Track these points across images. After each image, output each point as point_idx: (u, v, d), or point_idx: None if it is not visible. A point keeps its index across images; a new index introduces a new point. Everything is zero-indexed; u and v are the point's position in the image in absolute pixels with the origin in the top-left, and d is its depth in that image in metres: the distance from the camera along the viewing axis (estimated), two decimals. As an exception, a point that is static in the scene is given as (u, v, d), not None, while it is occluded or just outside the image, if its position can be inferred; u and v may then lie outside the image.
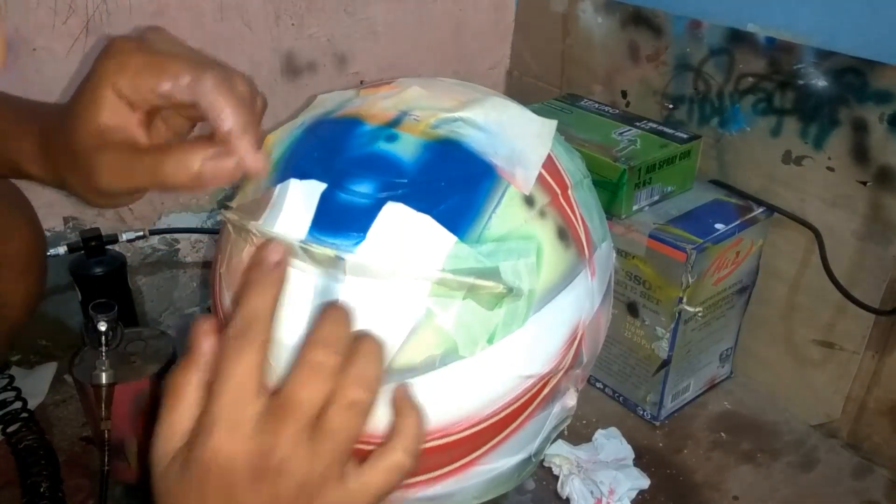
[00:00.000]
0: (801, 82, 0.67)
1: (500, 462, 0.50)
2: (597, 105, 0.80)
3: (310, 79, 0.87)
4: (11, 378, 0.69)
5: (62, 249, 0.74)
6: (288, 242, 0.41)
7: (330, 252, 0.41)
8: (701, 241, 0.65)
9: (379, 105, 0.48)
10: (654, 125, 0.74)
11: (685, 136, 0.72)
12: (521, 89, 1.00)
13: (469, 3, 0.95)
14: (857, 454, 0.70)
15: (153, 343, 0.64)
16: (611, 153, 0.69)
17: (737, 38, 0.71)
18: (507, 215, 0.44)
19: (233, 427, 0.33)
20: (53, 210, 0.78)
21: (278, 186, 0.45)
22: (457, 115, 0.46)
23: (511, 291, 0.43)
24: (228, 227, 0.48)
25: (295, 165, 0.46)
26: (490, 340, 0.43)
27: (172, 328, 0.85)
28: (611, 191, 0.68)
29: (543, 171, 0.47)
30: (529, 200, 0.45)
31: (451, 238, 0.42)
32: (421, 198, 0.43)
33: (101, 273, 0.75)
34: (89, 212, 0.80)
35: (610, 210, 0.69)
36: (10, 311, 0.55)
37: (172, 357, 0.62)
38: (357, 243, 0.42)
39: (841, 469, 0.69)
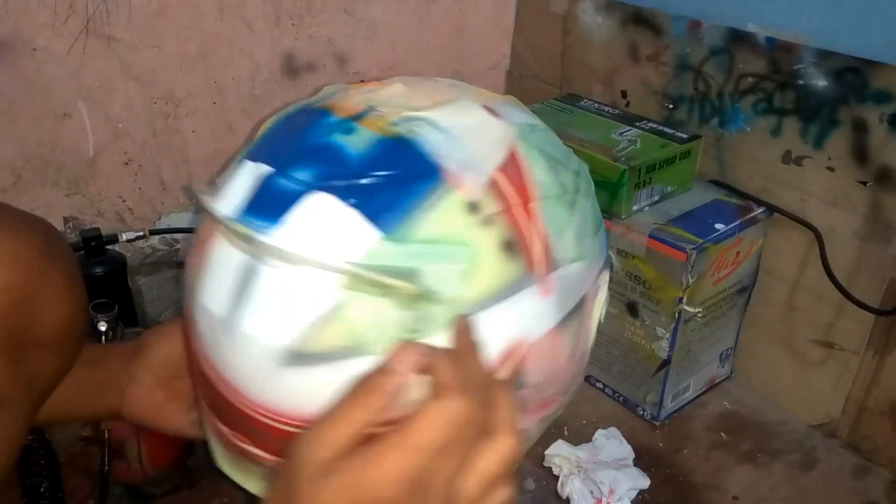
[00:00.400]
0: (801, 82, 0.67)
1: None
2: (597, 105, 0.80)
3: (310, 79, 0.87)
4: (11, 378, 0.69)
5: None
6: (216, 217, 0.43)
7: (245, 231, 0.43)
8: (701, 241, 0.65)
9: (353, 99, 0.49)
10: (654, 125, 0.74)
11: (685, 136, 0.72)
12: (521, 89, 1.00)
13: (469, 3, 0.95)
14: (857, 454, 0.70)
15: (153, 343, 0.64)
16: (611, 153, 0.69)
17: (737, 38, 0.71)
18: (442, 219, 0.43)
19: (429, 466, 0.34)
20: (53, 210, 0.78)
21: (236, 166, 0.46)
22: (420, 114, 0.46)
23: (428, 295, 0.42)
24: None
25: (257, 148, 0.47)
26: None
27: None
28: (611, 191, 0.68)
29: (502, 181, 0.46)
30: (473, 207, 0.44)
31: (374, 234, 0.42)
32: (354, 191, 0.43)
33: (101, 273, 0.75)
34: (89, 212, 0.80)
35: (610, 210, 0.69)
36: (38, 393, 0.52)
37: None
38: (275, 227, 0.43)
39: (841, 469, 0.69)
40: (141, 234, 0.79)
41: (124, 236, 0.77)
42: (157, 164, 0.82)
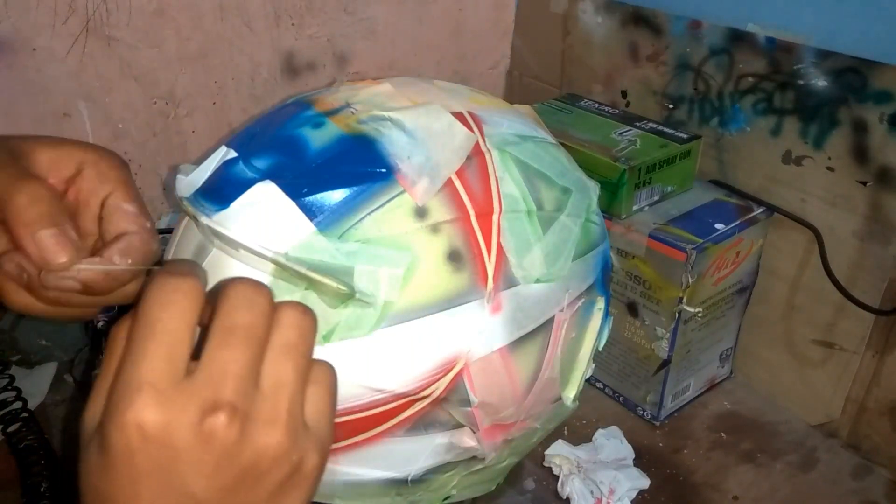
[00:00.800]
0: (801, 82, 0.67)
1: (354, 469, 0.48)
2: (597, 105, 0.80)
3: (310, 79, 0.87)
4: (11, 378, 0.69)
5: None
6: (177, 196, 0.45)
7: (192, 211, 0.44)
8: (701, 241, 0.65)
9: (336, 95, 0.49)
10: (654, 125, 0.74)
11: (685, 136, 0.72)
12: (521, 89, 1.00)
13: (469, 3, 0.95)
14: (857, 454, 0.70)
15: (153, 343, 0.64)
16: (611, 153, 0.69)
17: (737, 38, 0.71)
18: (386, 221, 0.43)
19: (161, 395, 0.28)
20: (53, 210, 0.78)
21: (214, 149, 0.48)
22: (389, 114, 0.46)
23: (355, 295, 0.41)
24: None
25: (239, 135, 0.49)
26: (326, 339, 0.42)
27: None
28: (611, 191, 0.68)
29: (462, 190, 0.45)
30: (420, 212, 0.43)
31: (308, 227, 0.42)
32: (301, 183, 0.43)
33: (101, 273, 0.75)
34: (89, 212, 0.80)
35: (610, 210, 0.69)
36: None
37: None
38: (219, 211, 0.44)
39: (841, 469, 0.69)
40: (141, 234, 0.79)
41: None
42: (156, 164, 0.82)
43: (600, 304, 0.53)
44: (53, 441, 0.69)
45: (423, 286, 0.43)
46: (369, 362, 0.43)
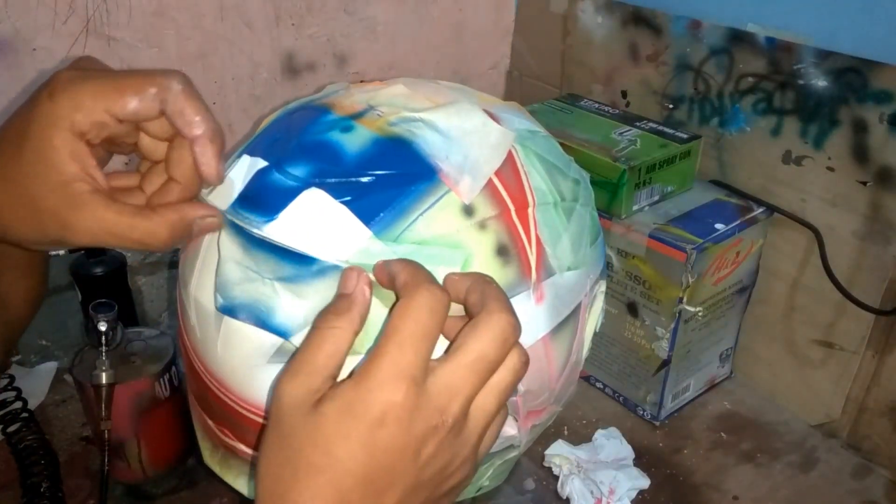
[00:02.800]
0: (801, 82, 0.67)
1: None
2: (597, 105, 0.80)
3: (310, 79, 0.87)
4: (11, 378, 0.69)
5: (62, 250, 0.74)
6: (213, 210, 0.44)
7: (242, 225, 0.43)
8: (701, 241, 0.65)
9: (353, 98, 0.49)
10: (654, 125, 0.74)
11: (685, 136, 0.72)
12: (521, 89, 1.00)
13: (469, 3, 0.95)
14: (857, 454, 0.70)
15: (153, 343, 0.64)
16: (611, 153, 0.69)
17: (737, 38, 0.71)
18: (437, 221, 0.43)
19: (416, 388, 0.34)
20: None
21: (232, 160, 0.46)
22: (419, 115, 0.46)
23: None
24: None
25: (256, 143, 0.47)
26: None
27: (172, 328, 0.85)
28: (611, 191, 0.68)
29: (500, 185, 0.45)
30: (468, 210, 0.43)
31: (365, 232, 0.42)
32: (348, 189, 0.43)
33: (101, 273, 0.75)
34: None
35: (610, 210, 0.69)
36: (13, 312, 0.55)
37: (172, 357, 0.62)
38: (268, 221, 0.42)
39: (841, 469, 0.69)
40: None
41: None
42: (157, 164, 0.82)
43: (603, 287, 0.55)
44: (53, 441, 0.69)
45: None
46: None
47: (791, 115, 0.68)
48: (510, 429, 0.49)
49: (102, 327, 0.57)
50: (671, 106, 0.79)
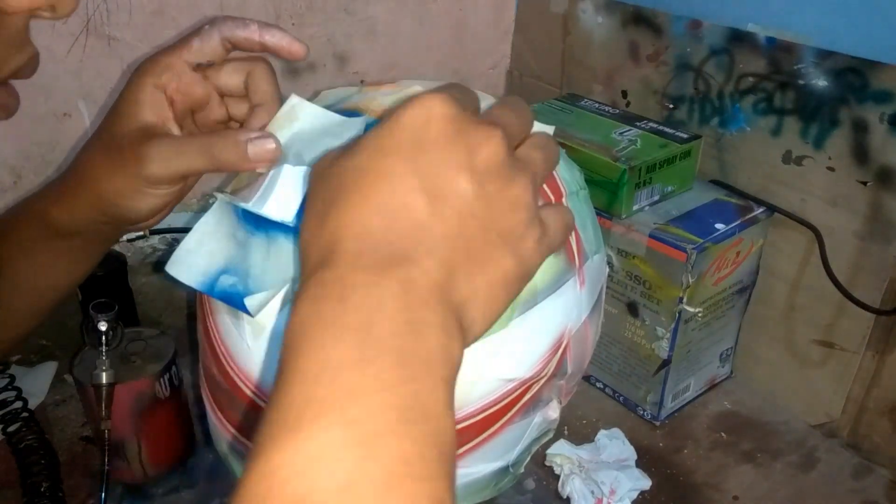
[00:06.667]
0: (801, 82, 0.67)
1: (476, 467, 0.50)
2: (597, 105, 0.80)
3: (310, 79, 0.87)
4: (12, 378, 0.69)
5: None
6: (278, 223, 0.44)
7: None
8: (701, 240, 0.65)
9: (378, 100, 0.49)
10: (655, 125, 0.74)
11: (685, 136, 0.72)
12: (521, 89, 1.00)
13: (469, 3, 0.95)
14: (857, 454, 0.70)
15: (153, 343, 0.64)
16: (611, 153, 0.69)
17: (737, 38, 0.71)
18: None
19: (454, 100, 0.32)
20: (53, 210, 0.78)
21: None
22: None
23: None
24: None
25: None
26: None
27: (172, 328, 0.85)
28: (611, 191, 0.68)
29: None
30: None
31: None
32: None
33: (101, 273, 0.75)
34: (89, 212, 0.80)
35: (610, 210, 0.69)
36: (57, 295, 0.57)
37: (172, 357, 0.62)
38: None
39: (841, 469, 0.69)
40: (141, 233, 0.79)
41: (124, 236, 0.77)
42: (157, 163, 0.82)
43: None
44: (53, 441, 0.69)
45: (540, 273, 0.45)
46: (502, 354, 0.45)
47: (791, 115, 0.68)
48: (552, 412, 0.52)
49: (102, 327, 0.57)
50: (671, 106, 0.79)
